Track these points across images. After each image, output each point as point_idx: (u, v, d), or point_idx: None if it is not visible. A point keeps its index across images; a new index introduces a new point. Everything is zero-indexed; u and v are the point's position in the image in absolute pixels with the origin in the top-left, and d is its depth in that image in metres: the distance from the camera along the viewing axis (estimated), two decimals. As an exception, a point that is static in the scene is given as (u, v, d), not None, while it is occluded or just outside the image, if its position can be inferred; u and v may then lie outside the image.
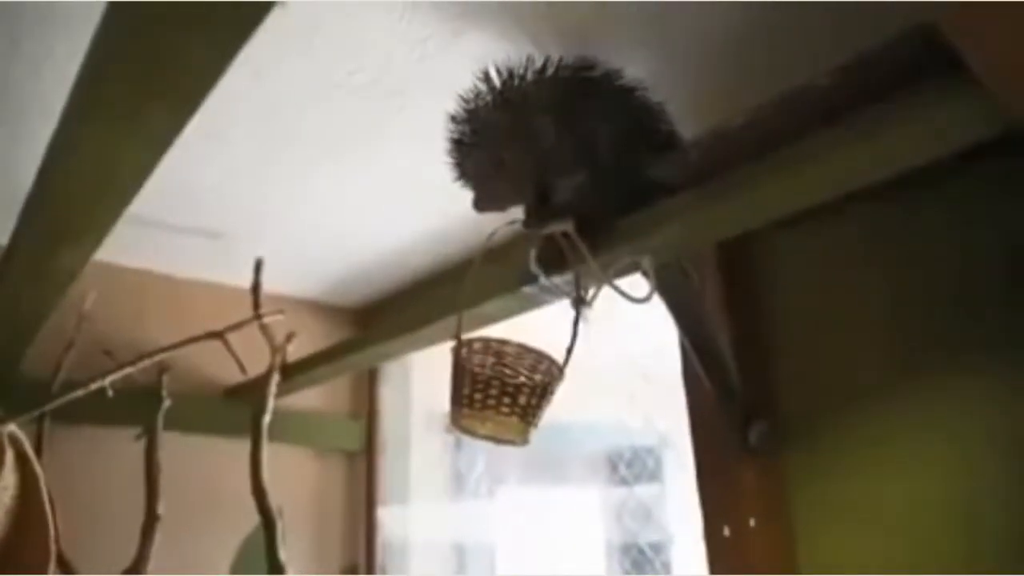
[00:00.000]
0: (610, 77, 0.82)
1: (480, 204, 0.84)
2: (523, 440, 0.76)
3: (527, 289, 0.89)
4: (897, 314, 0.84)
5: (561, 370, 0.78)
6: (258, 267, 1.31)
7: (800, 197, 0.73)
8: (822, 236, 0.92)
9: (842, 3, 0.76)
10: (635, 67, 0.84)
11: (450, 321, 1.03)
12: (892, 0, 0.73)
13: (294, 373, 1.37)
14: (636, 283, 0.81)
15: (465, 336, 0.78)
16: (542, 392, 0.76)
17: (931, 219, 0.84)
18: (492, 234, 0.84)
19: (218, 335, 1.21)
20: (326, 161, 1.13)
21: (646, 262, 0.80)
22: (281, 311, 1.29)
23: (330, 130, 1.05)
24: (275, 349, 1.30)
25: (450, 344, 0.79)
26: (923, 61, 0.61)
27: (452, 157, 0.85)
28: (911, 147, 0.64)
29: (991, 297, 0.78)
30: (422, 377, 1.72)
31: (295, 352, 1.36)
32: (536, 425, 0.77)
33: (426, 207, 1.27)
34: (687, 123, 0.89)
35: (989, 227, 0.79)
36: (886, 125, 0.63)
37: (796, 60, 0.84)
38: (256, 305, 1.28)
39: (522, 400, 0.75)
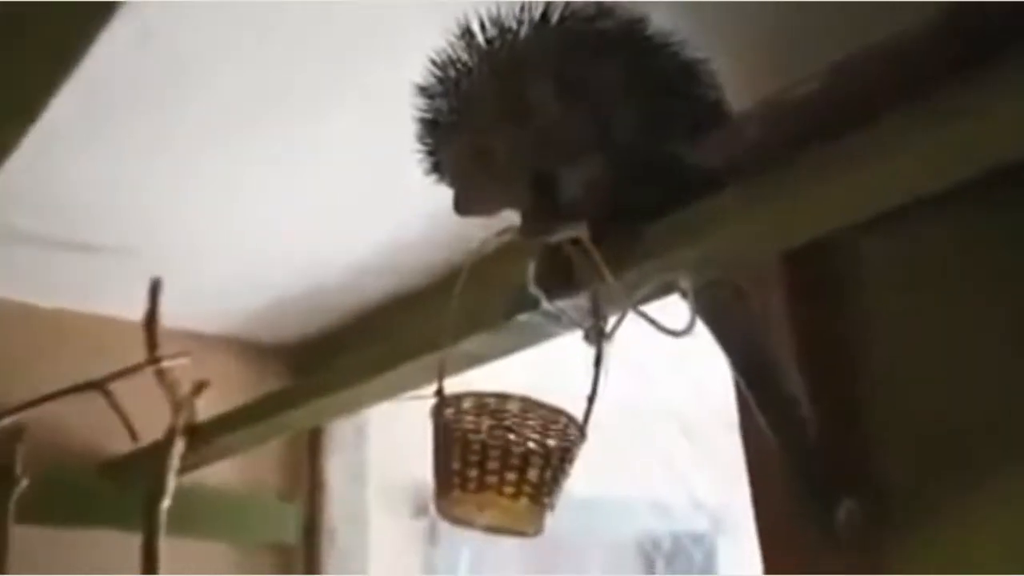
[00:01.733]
0: (632, 28, 0.84)
1: (462, 206, 0.86)
2: (536, 529, 0.77)
3: (524, 318, 0.91)
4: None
5: (582, 430, 0.79)
6: (154, 291, 1.33)
7: (898, 188, 0.74)
8: (924, 241, 0.94)
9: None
10: (660, 19, 0.86)
11: (421, 364, 1.04)
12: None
13: (205, 437, 1.37)
14: (672, 308, 0.83)
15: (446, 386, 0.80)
16: (559, 461, 0.78)
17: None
18: (479, 246, 0.85)
19: (97, 386, 1.23)
20: (246, 150, 1.20)
21: (685, 280, 0.82)
22: (186, 353, 1.32)
23: (250, 107, 1.07)
24: (178, 404, 1.32)
25: (427, 398, 0.81)
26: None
27: (422, 143, 0.87)
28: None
29: None
30: (382, 441, 1.73)
31: (207, 408, 1.38)
32: (553, 507, 0.78)
33: (384, 211, 1.30)
34: (734, 94, 0.91)
35: None
36: (1013, 88, 0.64)
37: (879, 9, 0.86)
38: (152, 344, 1.30)
39: (532, 474, 0.76)
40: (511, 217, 0.89)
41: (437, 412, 0.79)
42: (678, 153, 0.86)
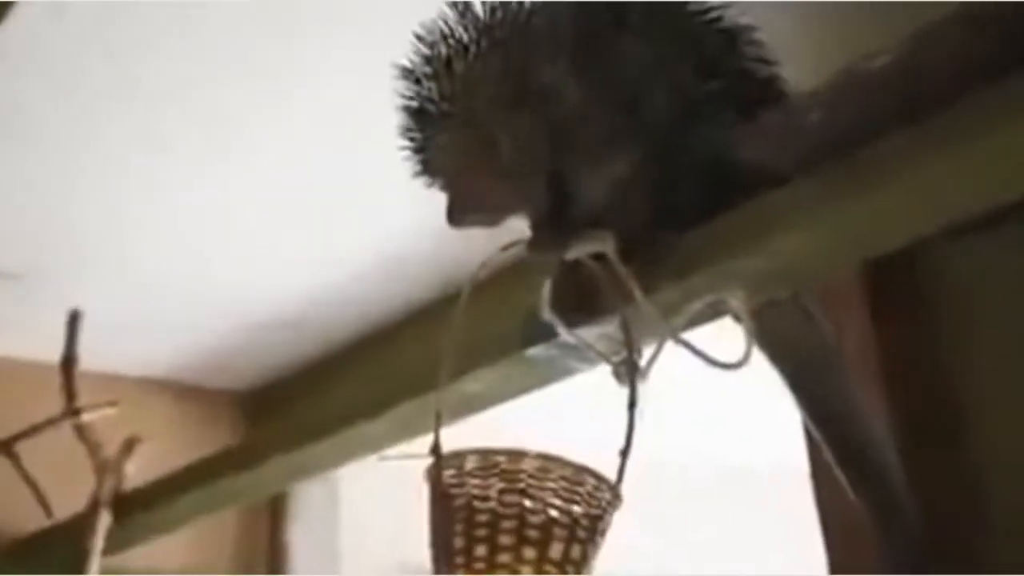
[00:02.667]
0: (663, -8, 0.85)
1: (457, 213, 0.86)
2: None
3: (538, 351, 0.91)
4: None
5: (615, 491, 0.79)
6: (72, 326, 1.31)
7: (1002, 179, 0.74)
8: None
9: None
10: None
11: (408, 411, 1.03)
12: None
13: (138, 508, 1.35)
14: (722, 335, 0.83)
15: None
16: (588, 532, 0.78)
17: None
18: (482, 265, 0.85)
19: (2, 447, 1.23)
20: (187, 154, 1.21)
21: (738, 300, 0.82)
22: (113, 402, 1.30)
23: (194, 103, 1.13)
24: (103, 467, 1.31)
25: (418, 457, 0.80)
26: None
27: (408, 137, 0.88)
28: None
29: None
30: (359, 509, 1.71)
31: (140, 472, 1.36)
32: (584, 589, 0.77)
33: (356, 223, 1.35)
34: (792, 71, 0.91)
35: None
36: None
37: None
38: (69, 391, 1.29)
39: (556, 550, 0.76)
40: (519, 228, 0.89)
41: (433, 474, 0.78)
42: (724, 143, 0.85)
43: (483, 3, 0.84)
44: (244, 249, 1.39)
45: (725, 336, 0.83)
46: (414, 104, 0.87)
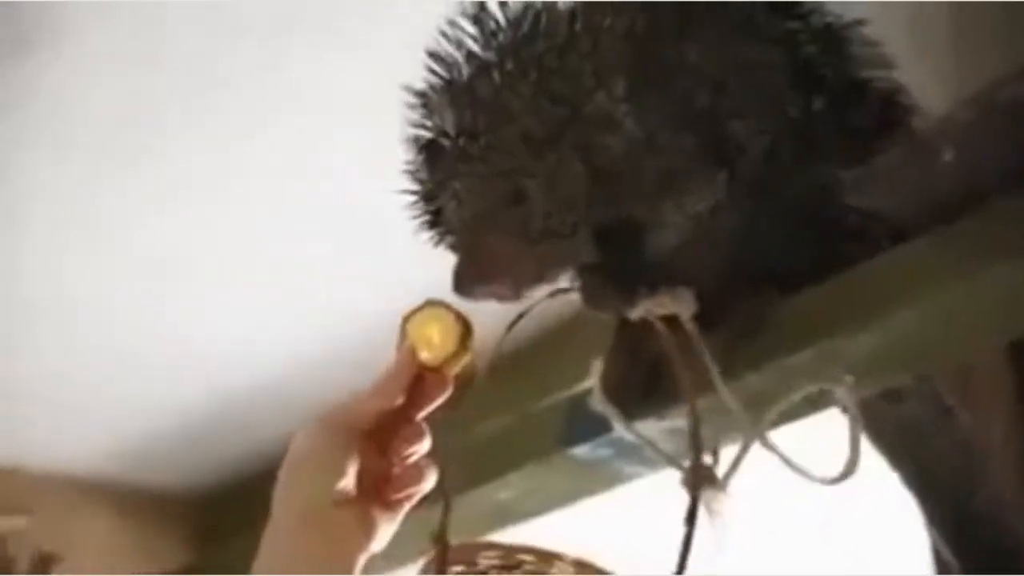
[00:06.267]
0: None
1: (468, 283, 0.79)
2: None
3: (582, 450, 0.86)
4: None
5: None
6: None
7: None
8: None
9: None
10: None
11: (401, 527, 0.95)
12: None
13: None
14: (822, 432, 0.78)
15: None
16: None
17: None
18: (513, 323, 0.78)
19: None
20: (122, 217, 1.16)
21: (845, 386, 0.76)
22: (27, 510, 1.24)
23: (133, 129, 1.08)
24: None
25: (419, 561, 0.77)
26: None
27: (416, 179, 0.83)
28: None
29: None
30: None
31: None
32: None
33: (338, 293, 1.24)
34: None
35: None
36: None
37: None
38: None
39: None
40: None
41: (435, 568, 0.72)
42: (832, 184, 0.80)
43: (505, 16, 0.79)
44: (199, 316, 1.33)
45: (826, 429, 0.78)
46: (423, 135, 0.81)
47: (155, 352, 1.38)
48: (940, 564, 0.94)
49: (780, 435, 0.79)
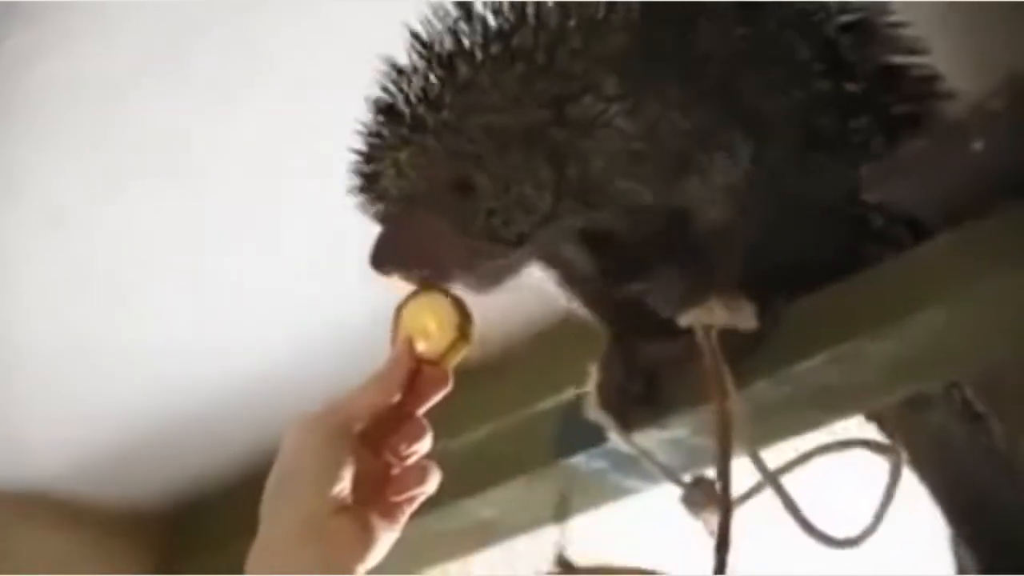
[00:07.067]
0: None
1: (386, 261, 0.75)
2: None
3: (580, 461, 0.85)
4: None
5: None
6: None
7: None
8: None
9: None
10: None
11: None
12: None
13: None
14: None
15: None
16: None
17: None
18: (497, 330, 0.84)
19: None
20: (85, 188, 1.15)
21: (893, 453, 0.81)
22: None
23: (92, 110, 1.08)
24: None
25: None
26: None
27: (365, 137, 0.79)
28: None
29: None
30: None
31: None
32: None
33: (303, 304, 1.26)
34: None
35: None
36: None
37: None
38: None
39: None
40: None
41: None
42: (855, 177, 0.78)
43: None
44: (154, 318, 1.30)
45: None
46: (385, 98, 0.77)
47: (110, 355, 1.35)
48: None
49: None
